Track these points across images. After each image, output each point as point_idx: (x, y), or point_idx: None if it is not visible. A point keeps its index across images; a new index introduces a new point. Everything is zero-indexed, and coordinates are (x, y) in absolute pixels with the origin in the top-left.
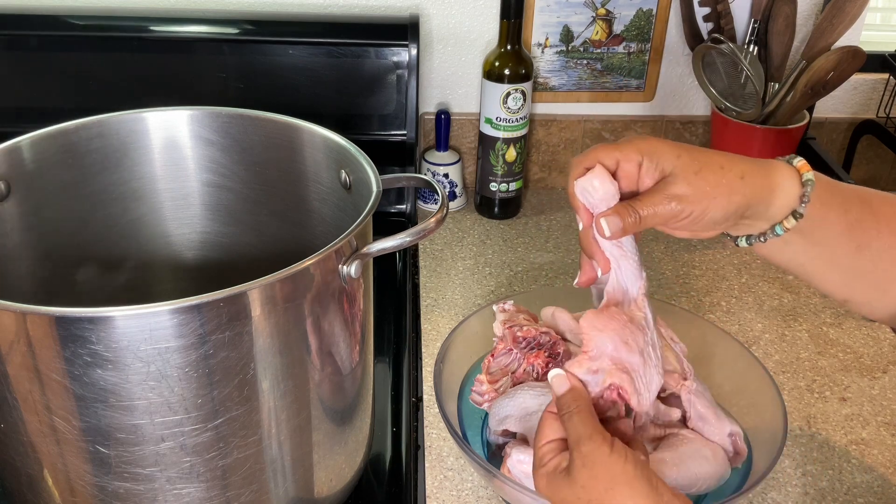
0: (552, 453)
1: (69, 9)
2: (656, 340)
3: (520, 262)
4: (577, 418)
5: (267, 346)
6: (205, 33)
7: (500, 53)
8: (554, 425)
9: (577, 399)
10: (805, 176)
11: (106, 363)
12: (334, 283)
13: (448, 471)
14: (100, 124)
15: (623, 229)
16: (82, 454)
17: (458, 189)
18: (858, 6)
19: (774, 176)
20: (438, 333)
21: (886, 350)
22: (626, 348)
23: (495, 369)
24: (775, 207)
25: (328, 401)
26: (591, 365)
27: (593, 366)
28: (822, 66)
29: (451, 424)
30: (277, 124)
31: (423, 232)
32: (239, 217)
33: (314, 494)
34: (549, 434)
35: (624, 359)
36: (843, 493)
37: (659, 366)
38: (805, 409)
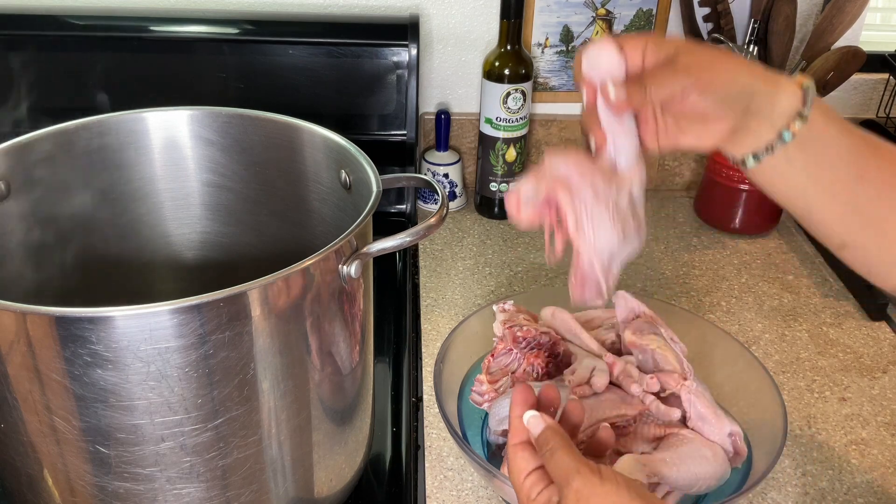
0: (538, 485)
1: (69, 9)
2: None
3: (520, 262)
4: (560, 453)
5: (267, 346)
6: (205, 33)
7: (500, 53)
8: (525, 455)
9: (556, 434)
10: (805, 83)
11: (106, 363)
12: (334, 283)
13: (448, 471)
14: (100, 124)
15: (629, 98)
16: (82, 454)
17: (458, 189)
18: (858, 6)
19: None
20: (438, 333)
21: (886, 350)
22: (578, 177)
23: (495, 369)
24: (780, 105)
25: (328, 401)
26: (536, 178)
27: (537, 179)
28: (822, 66)
29: (451, 424)
30: (277, 124)
31: (423, 232)
32: (239, 217)
33: (314, 494)
34: (524, 466)
35: (573, 183)
36: (843, 493)
37: (619, 225)
38: (805, 409)
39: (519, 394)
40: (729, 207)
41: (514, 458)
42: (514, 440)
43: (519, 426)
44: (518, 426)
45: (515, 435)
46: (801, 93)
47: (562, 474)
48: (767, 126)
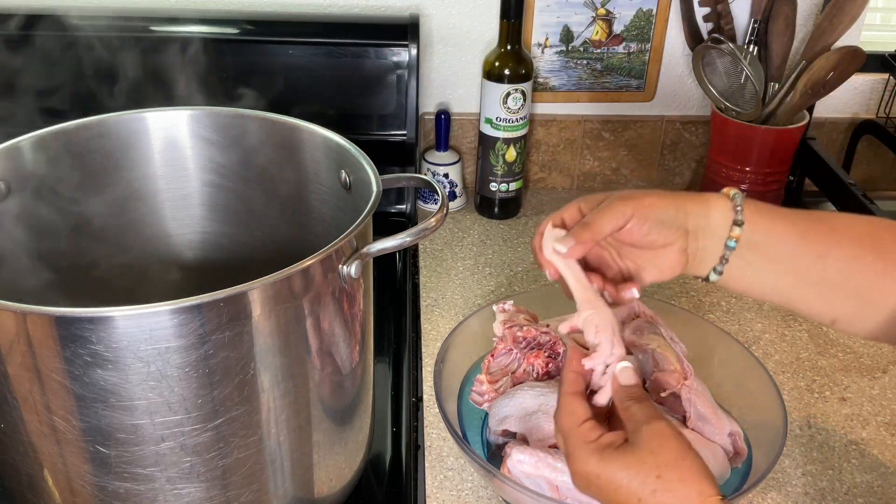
0: (598, 430)
1: (69, 9)
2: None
3: (520, 262)
4: (647, 403)
5: (267, 346)
6: (205, 33)
7: (500, 53)
8: (584, 404)
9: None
10: (731, 191)
11: (106, 363)
12: (334, 283)
13: (448, 471)
14: (100, 124)
15: (578, 240)
16: (82, 454)
17: (458, 189)
18: (858, 6)
19: (703, 194)
20: (438, 333)
21: (886, 350)
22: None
23: (495, 369)
24: (714, 219)
25: (328, 401)
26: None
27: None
28: (822, 66)
29: (451, 424)
30: (277, 124)
31: (423, 232)
32: (239, 217)
33: (314, 494)
34: (582, 413)
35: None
36: (843, 493)
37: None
38: (805, 409)
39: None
40: None
41: (569, 404)
42: (571, 389)
43: (576, 380)
44: (575, 380)
45: (571, 385)
46: (730, 202)
47: (645, 416)
48: (713, 240)
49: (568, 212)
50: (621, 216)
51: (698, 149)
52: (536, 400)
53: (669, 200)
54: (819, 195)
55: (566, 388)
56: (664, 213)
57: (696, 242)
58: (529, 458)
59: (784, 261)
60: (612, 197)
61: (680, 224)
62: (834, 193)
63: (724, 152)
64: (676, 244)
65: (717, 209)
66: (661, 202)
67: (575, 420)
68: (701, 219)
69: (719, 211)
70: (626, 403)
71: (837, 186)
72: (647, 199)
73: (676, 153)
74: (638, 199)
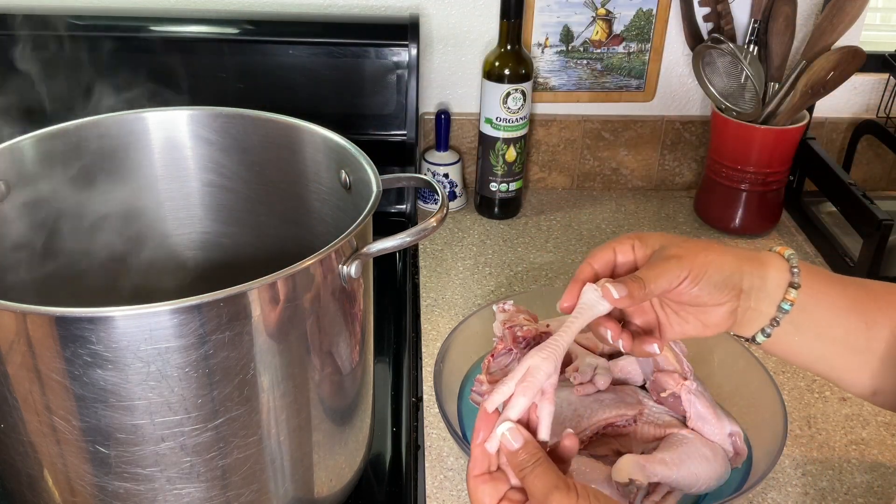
0: None
1: (69, 9)
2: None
3: (520, 262)
4: (539, 470)
5: (267, 346)
6: (205, 33)
7: (500, 53)
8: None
9: (535, 451)
10: (786, 251)
11: (106, 363)
12: (334, 283)
13: (448, 471)
14: (100, 124)
15: (630, 295)
16: (82, 454)
17: (458, 189)
18: (858, 6)
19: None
20: (438, 333)
21: None
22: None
23: (495, 369)
24: (771, 280)
25: (328, 401)
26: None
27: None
28: (822, 66)
29: (451, 424)
30: (277, 124)
31: (423, 232)
32: (239, 217)
33: (314, 494)
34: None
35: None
36: (843, 493)
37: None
38: (805, 409)
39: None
40: (729, 207)
41: (475, 491)
42: (475, 472)
43: (480, 456)
44: (479, 456)
45: (476, 466)
46: (786, 263)
47: (541, 490)
48: (766, 302)
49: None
50: (675, 278)
51: (698, 149)
52: None
53: (727, 260)
54: (819, 195)
55: (470, 470)
56: (720, 275)
57: (748, 303)
58: None
59: (833, 327)
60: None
61: (734, 285)
62: (834, 193)
63: (724, 152)
64: (727, 305)
65: (773, 269)
66: (718, 262)
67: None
68: (756, 279)
69: (776, 271)
70: (521, 474)
71: (837, 186)
72: (702, 257)
73: (676, 153)
74: (692, 259)
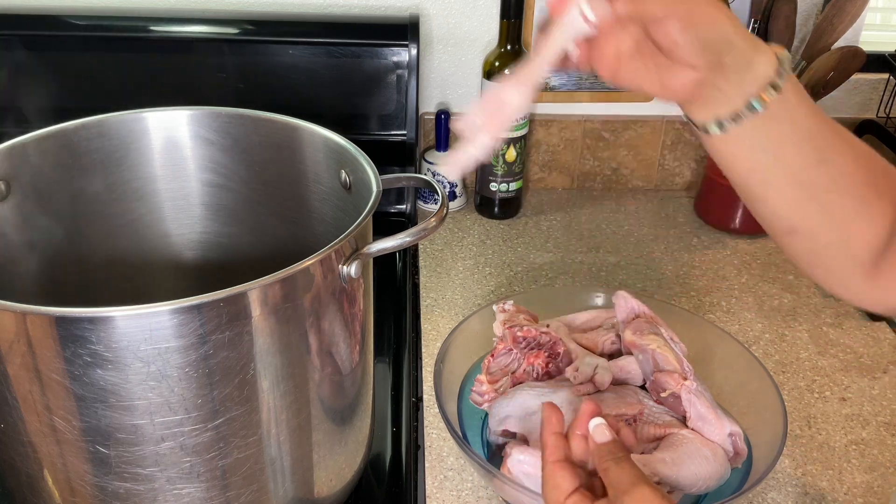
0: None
1: (69, 9)
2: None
3: (520, 262)
4: (626, 464)
5: (267, 346)
6: (205, 33)
7: (500, 53)
8: (566, 474)
9: (620, 447)
10: (781, 53)
11: (106, 363)
12: (334, 283)
13: (448, 471)
14: (100, 124)
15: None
16: (82, 454)
17: (458, 189)
18: (858, 6)
19: (756, 38)
20: (438, 333)
21: (886, 350)
22: None
23: (495, 369)
24: (755, 69)
25: (328, 401)
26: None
27: None
28: (822, 66)
29: (451, 424)
30: (277, 124)
31: (423, 232)
32: (239, 217)
33: (314, 494)
34: (568, 485)
35: None
36: (843, 493)
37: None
38: (805, 409)
39: (551, 412)
40: (729, 207)
41: (552, 475)
42: (553, 457)
43: (556, 443)
44: (555, 443)
45: (553, 452)
46: (776, 61)
47: (627, 481)
48: (737, 90)
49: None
50: (664, 9)
51: (698, 149)
52: (536, 400)
53: (726, 24)
54: None
55: (548, 456)
56: (712, 34)
57: (720, 82)
58: (530, 458)
59: (788, 147)
60: None
61: (718, 52)
62: None
63: None
64: (698, 72)
65: (762, 59)
66: (718, 20)
67: (560, 494)
68: (741, 61)
69: (763, 64)
70: (605, 465)
71: None
72: (704, 6)
73: (676, 153)
74: (693, 5)
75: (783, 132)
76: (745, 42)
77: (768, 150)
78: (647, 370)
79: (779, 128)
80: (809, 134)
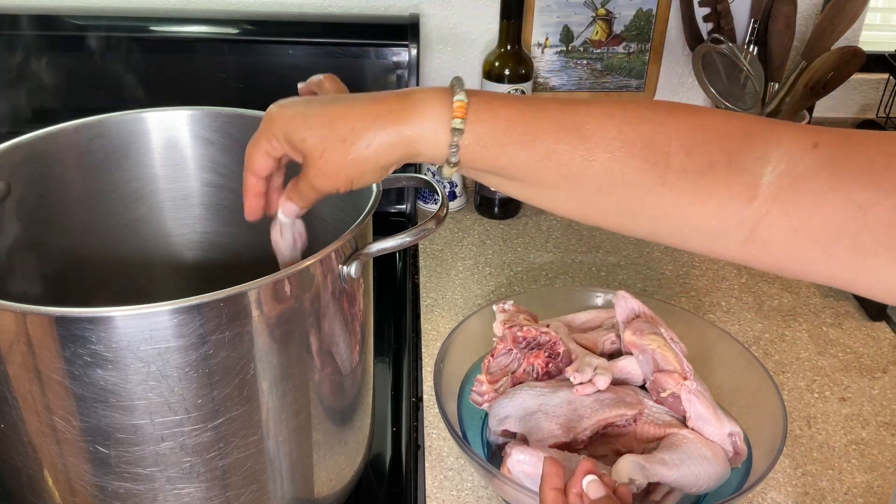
0: None
1: (69, 9)
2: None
3: (520, 262)
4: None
5: (267, 346)
6: (205, 33)
7: (500, 53)
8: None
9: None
10: (454, 123)
11: (106, 363)
12: (334, 283)
13: (448, 471)
14: (100, 124)
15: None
16: (82, 454)
17: (458, 189)
18: (858, 6)
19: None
20: (438, 333)
21: (886, 350)
22: None
23: (495, 369)
24: (427, 156)
25: (328, 401)
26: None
27: None
28: (822, 66)
29: (451, 424)
30: None
31: (423, 232)
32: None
33: (314, 494)
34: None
35: None
36: (843, 493)
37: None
38: (805, 409)
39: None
40: None
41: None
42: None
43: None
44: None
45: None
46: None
47: None
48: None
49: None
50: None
51: None
52: (536, 400)
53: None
54: None
55: (545, 482)
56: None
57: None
58: (530, 458)
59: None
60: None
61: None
62: None
63: None
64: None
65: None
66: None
67: None
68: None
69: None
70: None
71: None
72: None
73: None
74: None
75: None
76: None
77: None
78: (647, 370)
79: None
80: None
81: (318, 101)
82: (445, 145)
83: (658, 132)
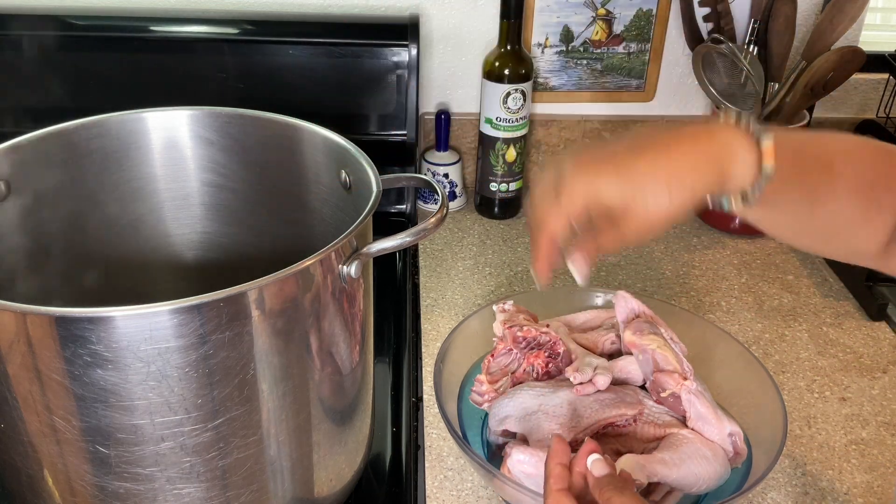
0: None
1: (69, 9)
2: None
3: (520, 262)
4: (628, 493)
5: (267, 346)
6: (205, 33)
7: (500, 53)
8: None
9: (621, 479)
10: (766, 168)
11: (106, 363)
12: (334, 283)
13: (448, 471)
14: (100, 124)
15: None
16: (82, 454)
17: (458, 189)
18: (858, 6)
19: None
20: (438, 333)
21: (886, 350)
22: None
23: (495, 369)
24: (729, 186)
25: (328, 401)
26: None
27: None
28: (822, 66)
29: (451, 424)
30: (277, 124)
31: (423, 232)
32: (239, 217)
33: (314, 494)
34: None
35: None
36: (843, 493)
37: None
38: (805, 409)
39: (559, 443)
40: None
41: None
42: (557, 486)
43: (561, 473)
44: (560, 473)
45: (557, 482)
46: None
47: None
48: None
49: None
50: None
51: None
52: (536, 400)
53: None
54: None
55: (552, 485)
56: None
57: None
58: (530, 458)
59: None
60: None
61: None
62: None
63: None
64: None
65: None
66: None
67: None
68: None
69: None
70: (608, 495)
71: None
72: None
73: None
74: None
75: (769, 204)
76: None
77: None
78: (647, 370)
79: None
80: (798, 197)
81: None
82: (749, 184)
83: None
